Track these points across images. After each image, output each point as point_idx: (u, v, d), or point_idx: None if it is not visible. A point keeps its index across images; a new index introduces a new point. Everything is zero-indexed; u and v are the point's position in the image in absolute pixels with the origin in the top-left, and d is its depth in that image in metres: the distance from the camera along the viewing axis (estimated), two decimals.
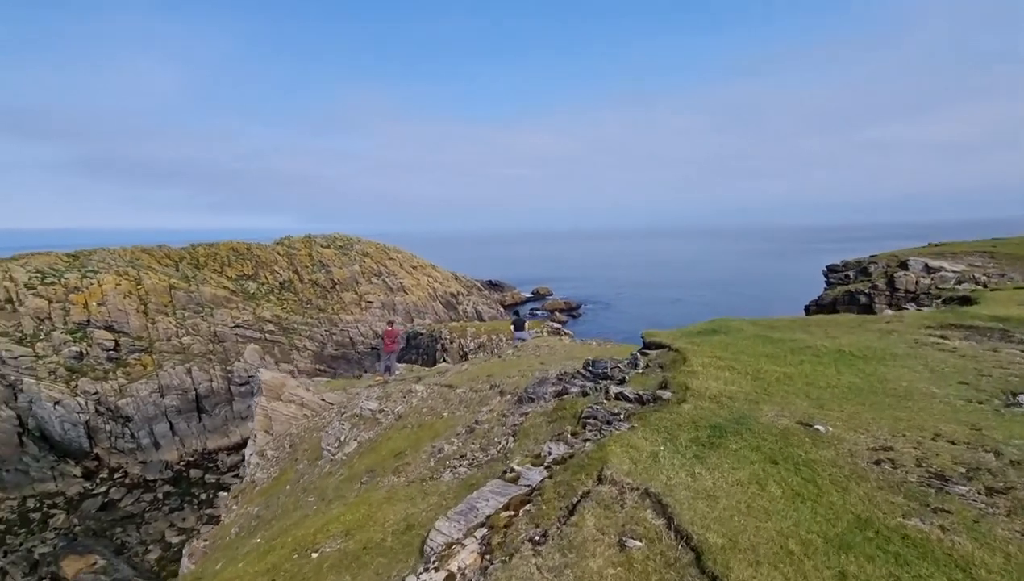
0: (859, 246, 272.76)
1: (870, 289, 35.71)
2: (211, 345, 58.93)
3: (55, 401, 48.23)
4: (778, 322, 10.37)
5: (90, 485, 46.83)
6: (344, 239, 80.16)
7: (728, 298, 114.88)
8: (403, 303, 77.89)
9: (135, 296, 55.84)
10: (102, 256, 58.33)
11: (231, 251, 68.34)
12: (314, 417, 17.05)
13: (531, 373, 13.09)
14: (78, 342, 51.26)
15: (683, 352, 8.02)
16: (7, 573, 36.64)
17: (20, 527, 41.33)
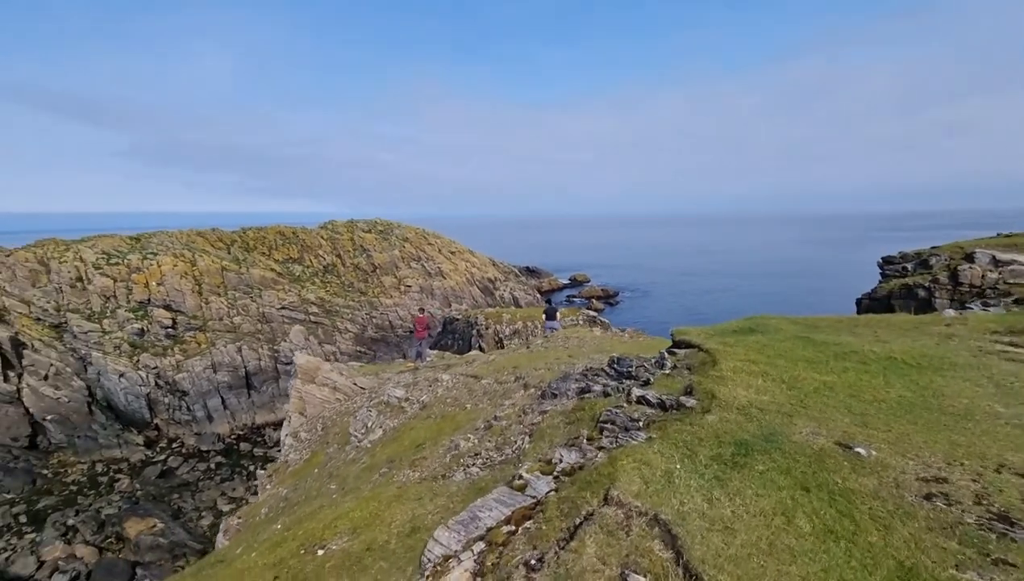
0: (922, 236, 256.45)
1: (930, 283, 33.21)
2: (259, 325, 61.32)
3: (120, 374, 51.45)
4: (822, 321, 9.55)
5: (151, 453, 49.87)
6: (385, 224, 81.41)
7: (775, 289, 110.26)
8: (441, 288, 78.63)
9: (190, 277, 58.56)
10: (161, 239, 61.38)
11: (278, 235, 70.62)
12: (346, 401, 17.27)
13: (557, 366, 12.72)
14: (140, 319, 54.32)
15: (713, 354, 7.45)
16: (78, 531, 39.45)
17: (90, 489, 44.42)
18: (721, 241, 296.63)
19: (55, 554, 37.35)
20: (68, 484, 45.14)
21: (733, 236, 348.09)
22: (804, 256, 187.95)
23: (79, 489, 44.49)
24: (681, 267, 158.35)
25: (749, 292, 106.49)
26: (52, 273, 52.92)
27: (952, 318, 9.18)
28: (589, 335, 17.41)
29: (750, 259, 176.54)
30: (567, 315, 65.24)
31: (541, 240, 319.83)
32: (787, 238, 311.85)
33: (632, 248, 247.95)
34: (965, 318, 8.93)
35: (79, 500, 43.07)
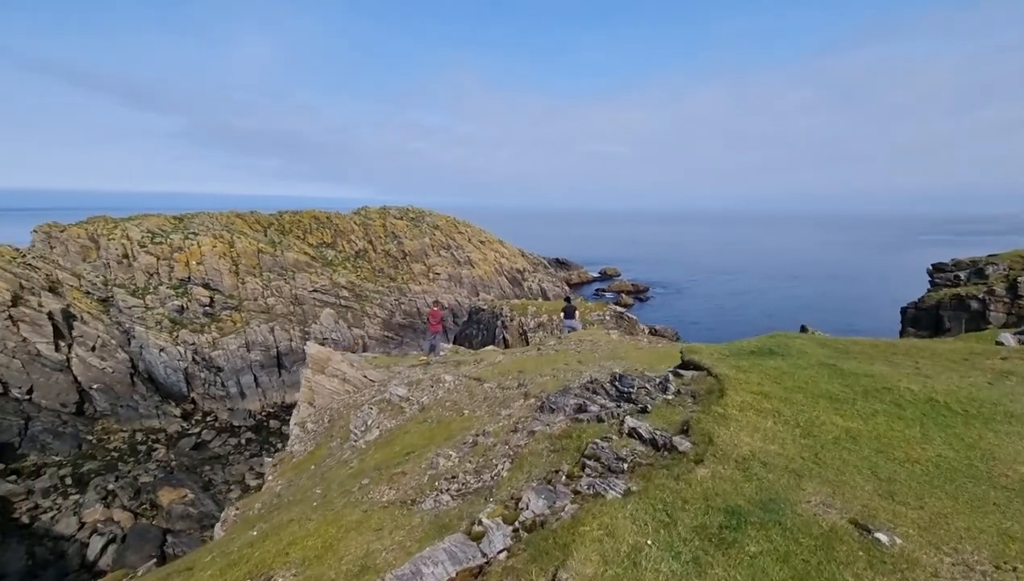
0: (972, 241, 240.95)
1: (985, 294, 30.56)
2: (292, 307, 62.52)
3: (160, 348, 53.36)
4: (855, 345, 8.44)
5: (187, 425, 51.67)
6: (416, 211, 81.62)
7: (815, 293, 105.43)
8: (469, 277, 78.43)
9: (228, 257, 60.06)
10: (202, 219, 63.13)
11: (313, 219, 71.69)
12: (355, 394, 16.95)
13: (563, 374, 11.95)
14: (180, 297, 56.10)
15: (723, 381, 6.54)
16: (116, 495, 41.18)
17: (129, 456, 46.31)
18: (761, 240, 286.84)
19: (95, 516, 39.05)
20: (110, 450, 47.15)
21: (774, 236, 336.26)
22: (847, 259, 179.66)
23: (120, 456, 46.42)
24: (717, 266, 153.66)
25: (787, 296, 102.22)
26: (101, 249, 55.15)
27: (1010, 349, 7.91)
28: (604, 339, 16.50)
29: (791, 260, 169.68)
30: (593, 310, 63.98)
31: (572, 232, 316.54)
32: (830, 239, 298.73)
33: (667, 244, 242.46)
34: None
35: (119, 466, 44.92)
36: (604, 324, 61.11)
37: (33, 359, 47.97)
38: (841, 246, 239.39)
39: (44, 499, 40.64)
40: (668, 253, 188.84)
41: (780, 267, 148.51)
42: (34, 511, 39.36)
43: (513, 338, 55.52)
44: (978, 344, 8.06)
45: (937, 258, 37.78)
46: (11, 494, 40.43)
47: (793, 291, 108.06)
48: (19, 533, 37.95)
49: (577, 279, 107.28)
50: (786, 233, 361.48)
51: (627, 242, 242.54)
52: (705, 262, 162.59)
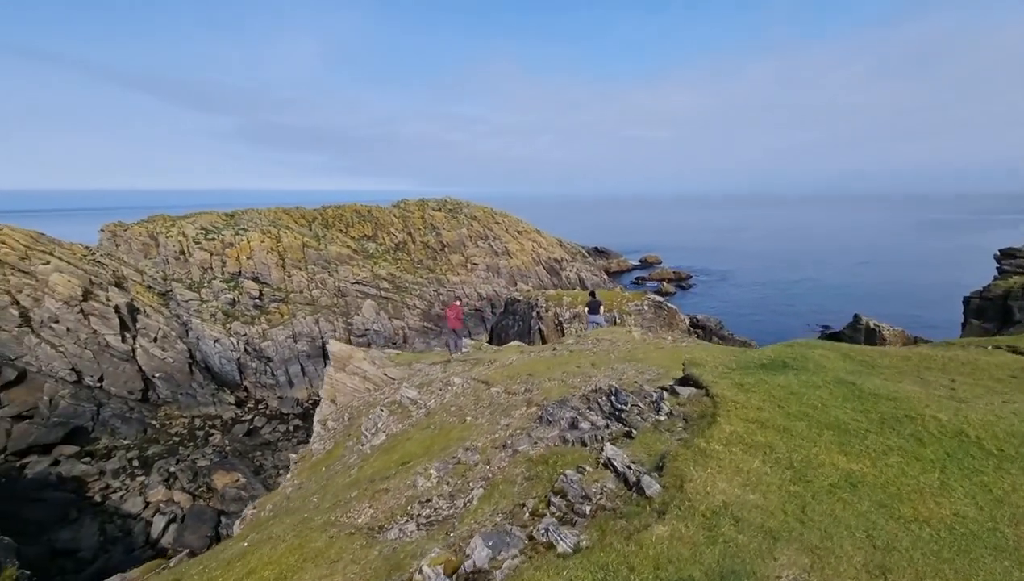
0: None
1: None
2: (335, 299, 64.27)
3: (215, 339, 56.10)
4: (884, 357, 7.44)
5: (240, 412, 54.25)
6: (454, 202, 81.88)
7: (872, 283, 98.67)
8: (507, 267, 78.18)
9: (275, 252, 62.26)
10: (251, 216, 65.66)
11: (354, 213, 73.23)
12: (375, 391, 16.98)
13: (573, 379, 11.39)
14: (232, 290, 58.69)
15: (718, 404, 5.85)
16: (177, 478, 43.75)
17: (188, 441, 49.07)
18: (815, 223, 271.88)
19: (158, 497, 41.67)
20: (172, 435, 50.13)
21: (830, 218, 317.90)
22: (913, 242, 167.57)
23: (180, 440, 49.27)
24: (766, 252, 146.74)
25: (840, 285, 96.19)
26: (160, 246, 58.34)
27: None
28: (624, 338, 15.75)
29: (848, 245, 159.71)
30: (631, 300, 62.38)
31: (613, 220, 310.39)
32: (896, 220, 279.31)
33: (712, 229, 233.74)
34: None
35: (180, 450, 47.68)
36: (642, 314, 59.64)
37: (103, 350, 51.47)
38: (904, 227, 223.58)
39: (114, 480, 43.65)
40: (712, 239, 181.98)
41: (834, 252, 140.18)
42: (105, 491, 42.36)
43: (548, 329, 54.97)
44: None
45: (1007, 241, 34.11)
46: (86, 475, 43.67)
47: (849, 281, 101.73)
48: (92, 511, 40.94)
49: (616, 267, 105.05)
50: (842, 214, 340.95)
51: (669, 228, 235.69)
52: (752, 248, 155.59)
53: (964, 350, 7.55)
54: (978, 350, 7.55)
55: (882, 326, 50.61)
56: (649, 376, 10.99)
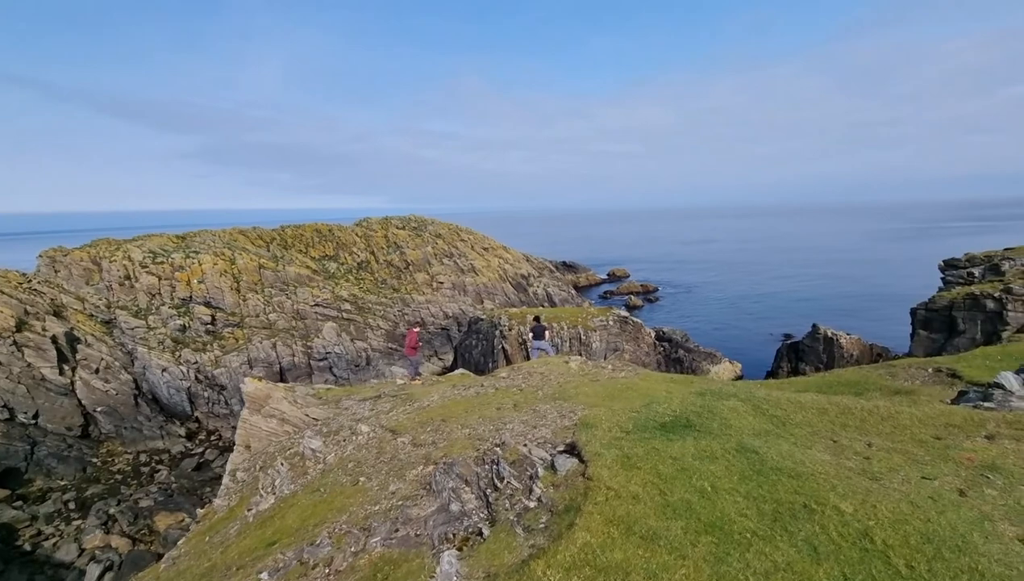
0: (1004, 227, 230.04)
1: (1001, 293, 27.70)
2: (294, 322, 61.83)
3: (163, 368, 53.03)
4: (799, 411, 6.54)
5: (191, 445, 51.15)
6: (418, 220, 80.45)
7: (828, 294, 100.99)
8: (473, 284, 76.95)
9: (229, 275, 59.64)
10: (204, 238, 62.93)
11: (315, 233, 71.08)
12: (294, 435, 15.39)
13: (486, 426, 10.23)
14: (182, 316, 55.79)
15: (591, 491, 4.77)
16: (116, 520, 40.63)
17: (132, 478, 45.87)
18: (777, 234, 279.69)
19: (95, 543, 38.51)
20: (114, 473, 46.78)
21: (792, 228, 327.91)
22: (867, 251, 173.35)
23: (123, 479, 45.99)
24: (730, 262, 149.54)
25: (801, 294, 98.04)
26: (103, 271, 55.14)
27: (999, 418, 5.87)
28: (558, 370, 14.68)
29: (808, 255, 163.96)
30: (596, 315, 61.75)
31: (583, 234, 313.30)
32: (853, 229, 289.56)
33: (679, 242, 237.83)
34: (1021, 421, 5.62)
35: (122, 489, 44.47)
36: (608, 330, 59.11)
37: (38, 384, 47.94)
38: (861, 236, 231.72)
39: (47, 525, 40.28)
40: (679, 252, 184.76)
41: (796, 262, 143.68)
42: (37, 538, 38.98)
43: (512, 348, 53.83)
44: (960, 411, 6.02)
45: (963, 245, 34.62)
46: (16, 521, 40.16)
47: (807, 293, 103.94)
48: (21, 561, 37.55)
49: (585, 282, 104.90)
50: (801, 225, 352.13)
51: (637, 242, 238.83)
52: (717, 259, 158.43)
53: (888, 399, 6.65)
54: (903, 401, 6.65)
55: (839, 334, 51.16)
56: (567, 422, 9.91)
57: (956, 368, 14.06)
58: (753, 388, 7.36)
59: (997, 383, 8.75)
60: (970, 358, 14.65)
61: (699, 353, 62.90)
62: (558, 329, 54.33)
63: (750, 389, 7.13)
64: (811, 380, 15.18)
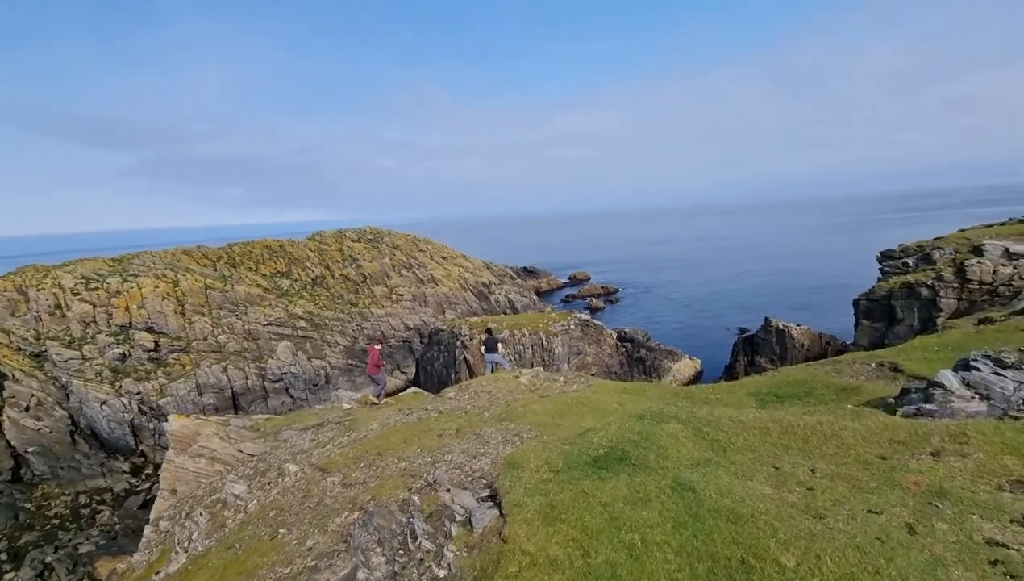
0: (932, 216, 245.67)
1: (934, 281, 28.98)
2: (245, 343, 58.88)
3: (101, 401, 49.32)
4: (741, 432, 6.08)
5: (136, 481, 47.69)
6: (374, 232, 78.42)
7: (777, 285, 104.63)
8: (434, 295, 75.55)
9: (173, 298, 56.29)
10: (144, 259, 59.24)
11: (265, 249, 68.10)
12: (226, 475, 14.02)
13: (423, 458, 9.37)
14: (121, 344, 52.17)
15: (503, 559, 4.04)
16: (54, 569, 37.34)
17: (71, 522, 42.37)
18: (728, 231, 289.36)
19: None
20: (50, 518, 43.09)
21: (741, 226, 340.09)
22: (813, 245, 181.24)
23: (61, 523, 42.42)
24: (686, 260, 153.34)
25: (753, 292, 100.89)
26: (31, 301, 50.97)
27: (946, 431, 5.50)
28: (507, 387, 13.97)
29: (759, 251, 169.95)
30: (556, 320, 61.53)
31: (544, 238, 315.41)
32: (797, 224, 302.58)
33: (634, 242, 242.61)
34: (965, 433, 5.26)
35: (59, 535, 41.00)
36: (569, 334, 58.91)
37: None
38: (806, 231, 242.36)
39: None
40: (638, 252, 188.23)
41: (747, 259, 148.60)
42: None
43: (475, 358, 52.78)
44: (904, 424, 5.66)
45: (899, 237, 36.11)
46: None
47: (761, 281, 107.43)
48: None
49: (547, 287, 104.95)
50: (752, 222, 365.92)
51: (597, 244, 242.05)
52: (674, 258, 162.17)
53: (833, 414, 6.22)
54: (848, 415, 6.22)
55: (790, 326, 52.68)
56: (510, 447, 9.14)
57: (897, 362, 14.12)
58: (697, 405, 6.83)
59: (937, 382, 8.55)
60: (910, 350, 14.83)
61: (660, 351, 63.62)
62: (520, 336, 53.75)
63: (693, 408, 6.62)
64: (762, 381, 14.98)
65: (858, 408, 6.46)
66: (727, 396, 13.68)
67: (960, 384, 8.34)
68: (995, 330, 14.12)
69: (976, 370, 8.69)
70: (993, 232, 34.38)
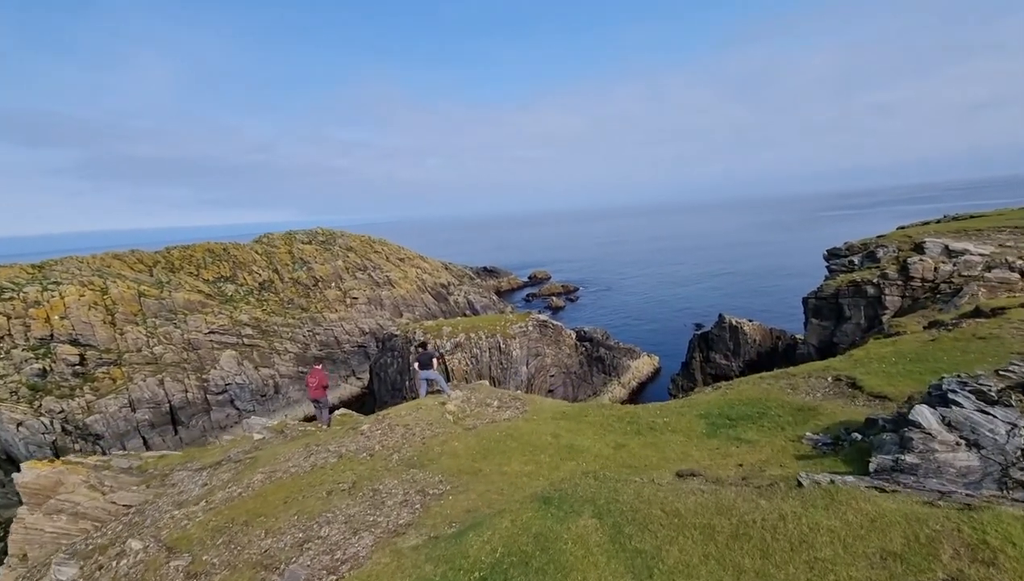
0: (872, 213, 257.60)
1: (879, 278, 28.80)
2: (185, 353, 54.46)
3: (18, 423, 44.25)
4: (677, 537, 4.34)
5: None
6: (326, 233, 74.51)
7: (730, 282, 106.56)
8: (390, 297, 72.48)
9: (101, 306, 51.35)
10: (68, 266, 53.88)
11: (207, 253, 63.37)
12: (95, 534, 11.41)
13: (295, 533, 7.22)
14: (40, 359, 47.09)
15: None
16: None
17: None
18: (681, 230, 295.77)
19: None
20: None
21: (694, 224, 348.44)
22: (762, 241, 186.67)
23: None
24: (642, 259, 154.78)
25: (708, 287, 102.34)
26: None
27: (963, 538, 3.83)
28: (431, 417, 11.95)
29: (711, 250, 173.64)
30: (515, 322, 59.67)
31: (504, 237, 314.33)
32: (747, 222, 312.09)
33: (592, 242, 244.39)
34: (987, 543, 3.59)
35: None
36: (527, 335, 57.20)
37: None
38: (756, 228, 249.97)
39: None
40: (596, 251, 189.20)
41: (702, 255, 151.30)
42: None
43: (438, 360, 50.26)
44: (896, 521, 3.97)
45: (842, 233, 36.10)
46: None
47: (715, 280, 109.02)
48: None
49: (507, 286, 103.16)
50: (705, 220, 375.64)
51: (556, 244, 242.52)
52: (632, 256, 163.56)
53: (800, 499, 4.45)
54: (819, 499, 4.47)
55: (743, 322, 52.74)
56: (405, 515, 7.05)
57: (855, 377, 12.88)
58: (622, 484, 5.07)
59: (913, 421, 7.03)
60: (866, 361, 13.64)
61: (619, 350, 62.94)
62: (476, 339, 51.72)
63: (616, 490, 4.84)
64: (713, 400, 13.52)
65: (831, 489, 4.74)
66: (676, 420, 12.07)
67: (940, 424, 6.85)
68: (952, 338, 13.16)
69: (956, 404, 7.22)
70: (932, 229, 34.74)
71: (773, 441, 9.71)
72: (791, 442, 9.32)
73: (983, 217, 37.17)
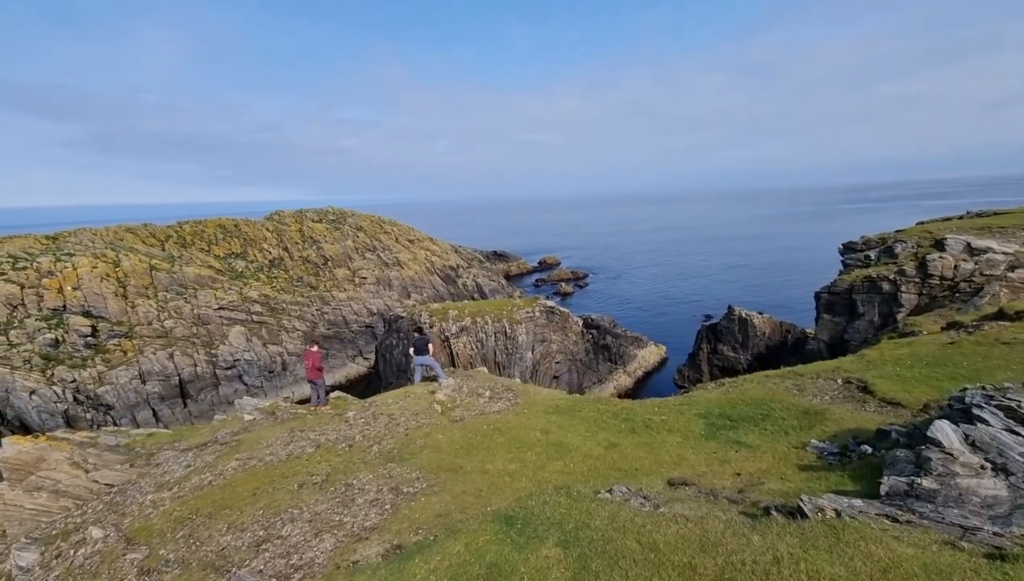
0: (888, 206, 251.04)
1: (896, 275, 27.57)
2: (195, 328, 54.79)
3: (31, 391, 44.93)
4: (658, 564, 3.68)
5: None
6: (337, 213, 74.11)
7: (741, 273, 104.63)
8: (399, 279, 72.16)
9: (113, 279, 51.65)
10: (81, 238, 54.18)
11: (219, 228, 63.37)
12: (76, 512, 11.15)
13: (256, 528, 6.71)
14: (53, 329, 47.59)
15: None
16: None
17: None
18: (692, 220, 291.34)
19: None
20: None
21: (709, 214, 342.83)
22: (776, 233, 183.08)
23: None
24: (652, 248, 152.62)
25: (719, 279, 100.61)
26: None
27: None
28: (418, 406, 11.42)
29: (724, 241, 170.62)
30: (522, 307, 59.00)
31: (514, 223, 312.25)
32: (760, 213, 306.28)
33: (603, 229, 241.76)
34: None
35: None
36: (534, 321, 56.57)
37: None
38: (768, 220, 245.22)
39: None
40: (606, 239, 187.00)
41: (714, 246, 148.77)
42: None
43: (435, 345, 50.05)
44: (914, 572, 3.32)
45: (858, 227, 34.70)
46: None
47: (726, 271, 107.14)
48: None
49: (516, 271, 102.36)
50: (717, 210, 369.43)
51: (567, 229, 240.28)
52: (642, 244, 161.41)
53: (800, 536, 3.78)
54: (823, 537, 3.78)
55: (752, 315, 51.63)
56: (373, 517, 6.48)
57: (867, 380, 12.03)
58: (596, 506, 4.44)
59: (932, 438, 6.27)
60: (879, 363, 12.78)
61: (626, 338, 62.16)
62: (482, 324, 51.25)
63: (588, 512, 4.22)
64: (714, 399, 12.80)
65: (836, 525, 4.05)
66: (674, 418, 11.40)
67: (963, 444, 6.08)
68: (972, 342, 12.25)
69: (982, 421, 6.45)
70: (953, 225, 33.21)
71: (775, 447, 9.01)
72: (795, 449, 8.62)
73: (1008, 214, 35.46)
